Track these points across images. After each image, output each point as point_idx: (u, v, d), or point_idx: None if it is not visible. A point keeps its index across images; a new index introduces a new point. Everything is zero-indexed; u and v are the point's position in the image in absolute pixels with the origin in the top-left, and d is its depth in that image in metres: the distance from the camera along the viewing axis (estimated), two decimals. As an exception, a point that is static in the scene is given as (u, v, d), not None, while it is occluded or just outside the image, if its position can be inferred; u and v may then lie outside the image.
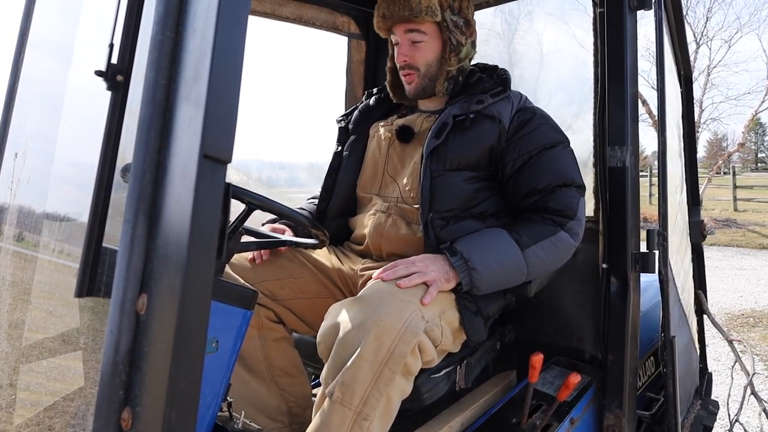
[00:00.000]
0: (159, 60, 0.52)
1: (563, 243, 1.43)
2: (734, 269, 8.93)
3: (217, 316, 1.09)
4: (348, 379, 1.11)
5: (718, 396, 3.17)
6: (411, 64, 1.61)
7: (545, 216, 1.44)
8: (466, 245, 1.35)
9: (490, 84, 1.61)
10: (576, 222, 1.45)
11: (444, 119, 1.51)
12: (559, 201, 1.44)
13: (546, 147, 1.49)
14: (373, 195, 1.68)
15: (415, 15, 1.53)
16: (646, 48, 12.76)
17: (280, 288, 1.55)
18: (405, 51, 1.60)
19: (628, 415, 1.58)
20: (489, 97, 1.55)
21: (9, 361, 1.12)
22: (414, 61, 1.60)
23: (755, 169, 58.67)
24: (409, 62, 1.60)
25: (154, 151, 0.50)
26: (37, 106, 1.20)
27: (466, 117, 1.51)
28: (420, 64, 1.61)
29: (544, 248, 1.40)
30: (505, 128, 1.52)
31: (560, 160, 1.50)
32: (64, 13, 1.22)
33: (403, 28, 1.59)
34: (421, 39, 1.58)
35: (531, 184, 1.47)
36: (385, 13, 1.59)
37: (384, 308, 1.16)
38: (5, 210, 1.19)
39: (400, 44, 1.61)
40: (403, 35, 1.60)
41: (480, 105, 1.54)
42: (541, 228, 1.42)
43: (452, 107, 1.54)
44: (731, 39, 17.99)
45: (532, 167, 1.48)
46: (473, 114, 1.52)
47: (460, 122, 1.51)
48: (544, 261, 1.41)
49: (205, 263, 0.48)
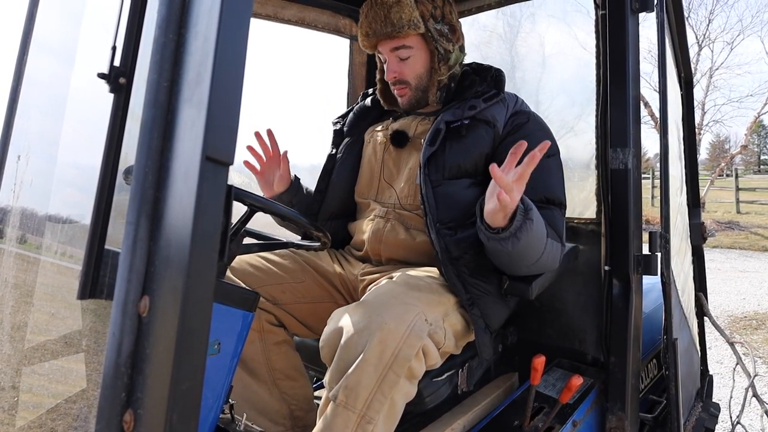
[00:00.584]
0: (161, 62, 0.52)
1: (553, 252, 1.39)
2: (737, 271, 8.91)
3: (219, 318, 1.09)
4: (352, 383, 1.11)
5: (720, 398, 3.16)
6: (401, 80, 1.60)
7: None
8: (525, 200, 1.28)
9: (483, 87, 1.60)
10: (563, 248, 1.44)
11: (437, 126, 1.50)
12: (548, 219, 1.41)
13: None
14: (371, 200, 1.68)
15: (397, 30, 1.52)
16: (648, 50, 12.77)
17: (282, 292, 1.55)
18: (393, 68, 1.59)
19: (630, 418, 1.57)
20: (482, 101, 1.54)
21: (11, 363, 1.12)
22: (403, 76, 1.60)
23: (758, 171, 58.61)
24: (399, 78, 1.60)
25: (156, 153, 0.51)
26: (39, 108, 1.21)
27: (461, 124, 1.49)
28: (410, 78, 1.60)
29: (551, 245, 1.37)
30: (499, 132, 1.51)
31: (547, 173, 1.46)
32: (67, 16, 1.22)
33: (388, 46, 1.58)
34: (408, 54, 1.57)
35: None
36: (368, 32, 1.58)
37: (388, 312, 1.15)
38: (8, 212, 1.19)
39: (388, 61, 1.60)
40: (389, 53, 1.58)
41: (473, 111, 1.52)
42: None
43: (445, 113, 1.53)
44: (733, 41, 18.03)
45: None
46: (467, 120, 1.50)
47: (455, 129, 1.49)
48: (547, 257, 1.37)
49: (207, 265, 0.48)
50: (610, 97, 1.65)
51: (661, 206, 1.75)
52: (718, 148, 52.25)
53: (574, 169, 2.01)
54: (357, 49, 2.44)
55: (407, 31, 1.52)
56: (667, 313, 1.73)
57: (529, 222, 1.24)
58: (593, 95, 1.82)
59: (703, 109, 17.70)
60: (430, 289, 1.31)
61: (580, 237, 1.85)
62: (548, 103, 2.22)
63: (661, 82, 1.80)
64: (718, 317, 5.68)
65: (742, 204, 16.16)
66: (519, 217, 1.23)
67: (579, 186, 1.96)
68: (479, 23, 2.40)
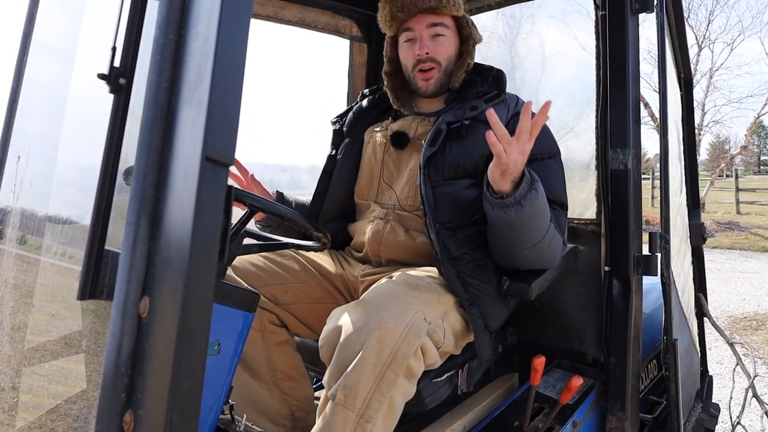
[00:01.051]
0: (161, 63, 0.52)
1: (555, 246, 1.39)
2: (737, 272, 8.91)
3: (219, 319, 1.09)
4: (350, 382, 1.11)
5: (720, 399, 3.16)
6: (433, 58, 1.56)
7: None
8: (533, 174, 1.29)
9: (484, 88, 1.60)
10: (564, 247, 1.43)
11: (438, 126, 1.50)
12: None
13: (536, 158, 1.46)
14: (370, 202, 1.67)
15: (442, 6, 1.51)
16: (648, 51, 12.79)
17: (283, 292, 1.55)
18: (428, 44, 1.55)
19: (630, 419, 1.57)
20: (483, 102, 1.53)
21: (11, 363, 1.12)
22: (436, 55, 1.56)
23: (758, 172, 58.63)
24: (432, 55, 1.56)
25: (156, 153, 0.51)
26: (39, 109, 1.21)
27: (461, 125, 1.49)
28: (442, 59, 1.58)
29: (553, 233, 1.36)
30: None
31: (549, 174, 1.46)
32: (67, 17, 1.22)
33: (424, 21, 1.55)
34: (444, 33, 1.56)
35: None
36: (404, 4, 1.54)
37: (386, 310, 1.15)
38: (8, 213, 1.19)
39: (422, 38, 1.56)
40: (424, 29, 1.55)
41: (474, 111, 1.52)
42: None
43: (446, 114, 1.52)
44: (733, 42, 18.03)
45: None
46: (468, 121, 1.50)
47: (456, 130, 1.49)
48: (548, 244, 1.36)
49: (207, 266, 0.48)
50: (610, 98, 1.65)
51: (661, 207, 1.75)
52: (718, 148, 52.28)
53: (574, 169, 2.01)
54: (357, 50, 2.44)
55: (451, 8, 1.52)
56: (667, 313, 1.73)
57: (534, 192, 1.25)
58: (593, 96, 1.82)
59: (703, 110, 17.72)
60: (430, 289, 1.31)
61: (580, 237, 1.85)
62: (548, 104, 2.22)
63: (660, 83, 1.80)
64: (717, 318, 5.68)
65: (741, 205, 16.16)
66: (524, 185, 1.24)
67: (579, 186, 1.96)
68: (479, 24, 2.39)
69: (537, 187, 1.26)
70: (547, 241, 1.35)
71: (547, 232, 1.34)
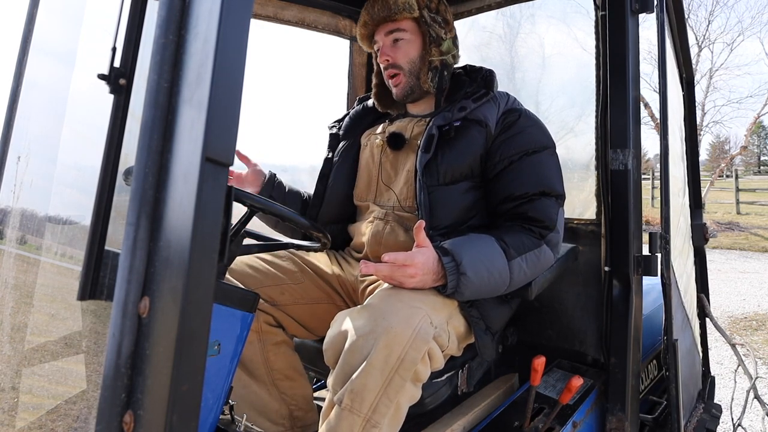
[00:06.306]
0: (161, 63, 0.52)
1: (545, 257, 1.39)
2: (737, 272, 8.91)
3: (219, 319, 1.09)
4: (357, 387, 1.10)
5: (721, 399, 3.16)
6: (394, 63, 1.61)
7: (526, 226, 1.39)
8: (457, 248, 1.28)
9: (472, 88, 1.60)
10: (555, 234, 1.41)
11: (429, 131, 1.49)
12: (538, 210, 1.40)
13: (528, 152, 1.45)
14: (369, 203, 1.68)
15: (393, 13, 1.56)
16: (648, 51, 12.79)
17: (280, 293, 1.55)
18: (387, 51, 1.61)
19: (630, 419, 1.57)
20: (471, 102, 1.53)
21: (11, 364, 1.12)
22: (396, 60, 1.60)
23: (758, 172, 58.60)
24: (392, 61, 1.60)
25: (156, 154, 0.51)
26: (40, 109, 1.20)
27: (450, 127, 1.49)
28: (403, 63, 1.60)
29: (528, 261, 1.35)
30: (491, 132, 1.50)
31: (541, 166, 1.45)
32: (67, 17, 1.22)
33: (383, 30, 1.61)
34: (402, 36, 1.59)
35: (508, 191, 1.43)
36: (366, 20, 1.62)
37: (393, 315, 1.14)
38: (8, 213, 1.19)
39: (383, 46, 1.62)
40: (384, 38, 1.61)
41: (463, 112, 1.52)
42: (525, 239, 1.36)
43: (436, 118, 1.52)
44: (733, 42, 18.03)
45: (512, 173, 1.44)
46: (458, 122, 1.50)
47: (446, 133, 1.49)
48: (526, 273, 1.36)
49: (207, 266, 0.48)
50: (610, 98, 1.65)
51: (661, 207, 1.75)
52: (718, 149, 52.25)
53: (574, 169, 2.01)
54: (357, 50, 2.44)
55: (403, 13, 1.56)
56: (668, 313, 1.73)
57: (463, 277, 1.25)
58: (593, 96, 1.82)
59: (703, 110, 17.71)
60: (434, 292, 1.31)
61: (580, 237, 1.85)
62: (548, 104, 2.22)
63: (661, 83, 1.80)
64: (718, 318, 5.68)
65: (742, 205, 16.17)
66: (451, 277, 1.24)
67: (579, 187, 1.96)
68: (479, 24, 2.40)
69: (464, 269, 1.24)
70: (522, 273, 1.35)
71: (512, 275, 1.33)
